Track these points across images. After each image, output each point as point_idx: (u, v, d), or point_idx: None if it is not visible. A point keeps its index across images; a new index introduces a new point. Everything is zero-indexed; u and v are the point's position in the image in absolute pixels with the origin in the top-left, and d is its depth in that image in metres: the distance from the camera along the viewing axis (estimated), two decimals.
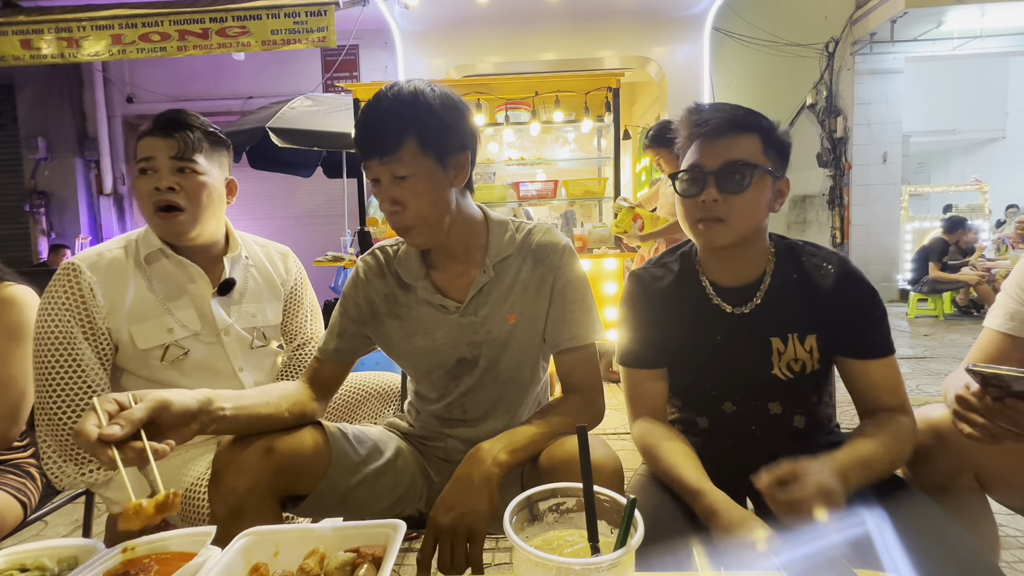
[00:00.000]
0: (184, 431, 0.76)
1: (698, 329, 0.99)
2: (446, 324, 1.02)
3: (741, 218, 0.90)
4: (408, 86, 0.91)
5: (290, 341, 1.31)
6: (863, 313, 0.94)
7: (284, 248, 1.36)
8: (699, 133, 0.93)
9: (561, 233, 1.07)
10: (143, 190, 1.09)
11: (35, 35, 4.94)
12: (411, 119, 0.88)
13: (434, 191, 0.92)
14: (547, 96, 3.65)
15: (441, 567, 0.80)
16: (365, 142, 0.90)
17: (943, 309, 5.85)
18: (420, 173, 0.90)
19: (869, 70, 6.11)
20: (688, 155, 0.95)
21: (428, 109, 0.90)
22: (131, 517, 0.60)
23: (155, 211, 1.10)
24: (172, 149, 1.10)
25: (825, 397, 1.01)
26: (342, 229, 5.21)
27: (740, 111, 0.92)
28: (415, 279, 1.03)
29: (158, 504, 0.62)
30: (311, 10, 4.80)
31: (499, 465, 0.85)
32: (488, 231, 1.04)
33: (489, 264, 1.01)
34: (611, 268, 3.60)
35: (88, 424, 0.66)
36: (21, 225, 6.73)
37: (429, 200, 0.91)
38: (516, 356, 1.03)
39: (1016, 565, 1.56)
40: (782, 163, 0.95)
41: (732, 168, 0.89)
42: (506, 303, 1.01)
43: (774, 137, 0.93)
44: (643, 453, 0.97)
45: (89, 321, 1.08)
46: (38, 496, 1.26)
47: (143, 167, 1.09)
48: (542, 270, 1.02)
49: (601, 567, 0.46)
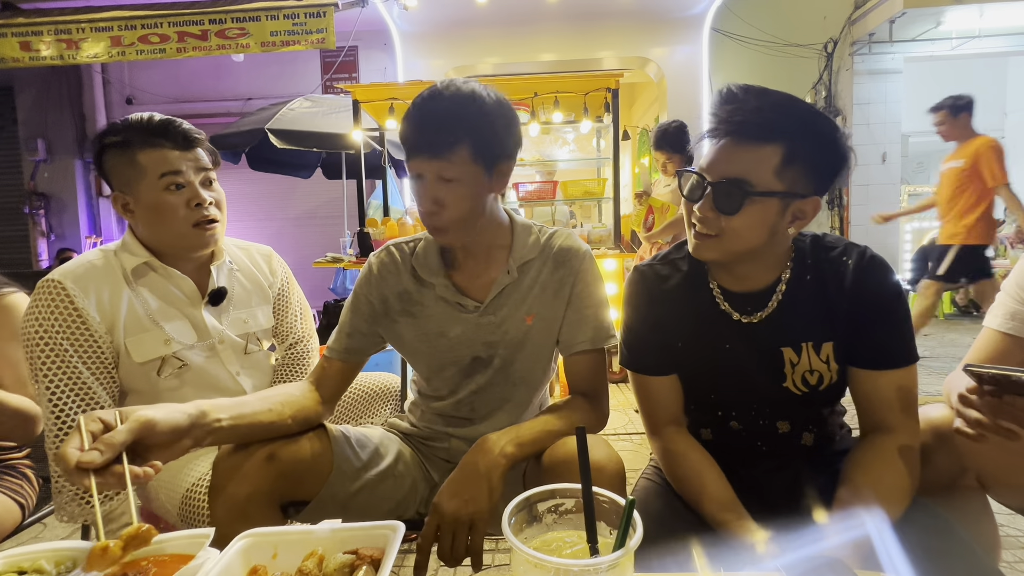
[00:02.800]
0: (174, 448, 0.74)
1: (704, 336, 0.92)
2: (463, 323, 1.02)
3: (733, 239, 0.82)
4: (466, 87, 0.90)
5: (282, 341, 1.30)
6: (880, 315, 0.84)
7: (266, 249, 1.34)
8: (714, 132, 0.83)
9: (581, 239, 1.08)
10: (174, 205, 1.07)
11: (34, 37, 4.93)
12: (468, 124, 0.88)
13: (475, 196, 0.92)
14: (546, 97, 3.65)
15: (441, 555, 0.80)
16: (416, 137, 0.89)
17: (943, 309, 5.85)
18: (466, 178, 0.90)
19: (868, 70, 6.10)
20: (704, 152, 0.86)
21: (485, 116, 0.89)
22: (97, 559, 0.57)
23: (193, 226, 1.09)
24: (198, 162, 1.10)
25: (837, 407, 0.96)
26: (341, 230, 5.21)
27: (770, 115, 0.79)
28: (434, 276, 1.02)
29: (128, 538, 0.58)
30: (310, 11, 4.80)
31: (505, 456, 0.84)
32: (513, 233, 1.04)
33: (513, 266, 1.01)
34: (611, 268, 3.60)
35: (69, 448, 0.63)
36: (20, 227, 6.71)
37: (469, 205, 0.92)
38: (530, 357, 1.04)
39: (1017, 565, 1.56)
40: (812, 179, 0.80)
41: (728, 187, 0.80)
42: (525, 304, 1.01)
43: (806, 149, 0.78)
44: (667, 474, 0.93)
45: (85, 340, 1.03)
46: (35, 498, 1.25)
47: (173, 182, 1.06)
48: (562, 273, 1.02)
49: (600, 568, 0.45)
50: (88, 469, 0.62)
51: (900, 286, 0.85)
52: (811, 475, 0.90)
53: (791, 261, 0.90)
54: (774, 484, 0.92)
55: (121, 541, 0.58)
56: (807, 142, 0.79)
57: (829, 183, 0.83)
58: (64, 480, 1.02)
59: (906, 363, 0.84)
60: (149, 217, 1.08)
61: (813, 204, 0.82)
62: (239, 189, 6.55)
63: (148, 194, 1.07)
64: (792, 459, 0.92)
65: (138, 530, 0.59)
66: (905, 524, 0.71)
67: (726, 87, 0.83)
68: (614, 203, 3.68)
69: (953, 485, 0.90)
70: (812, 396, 0.88)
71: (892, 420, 0.84)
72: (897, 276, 0.83)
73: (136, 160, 1.06)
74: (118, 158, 1.07)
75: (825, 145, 0.80)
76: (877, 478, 0.79)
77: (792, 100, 0.81)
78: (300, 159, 5.22)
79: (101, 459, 0.63)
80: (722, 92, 0.83)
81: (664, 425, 0.95)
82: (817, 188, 0.82)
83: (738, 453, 0.94)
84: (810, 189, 0.81)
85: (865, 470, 0.81)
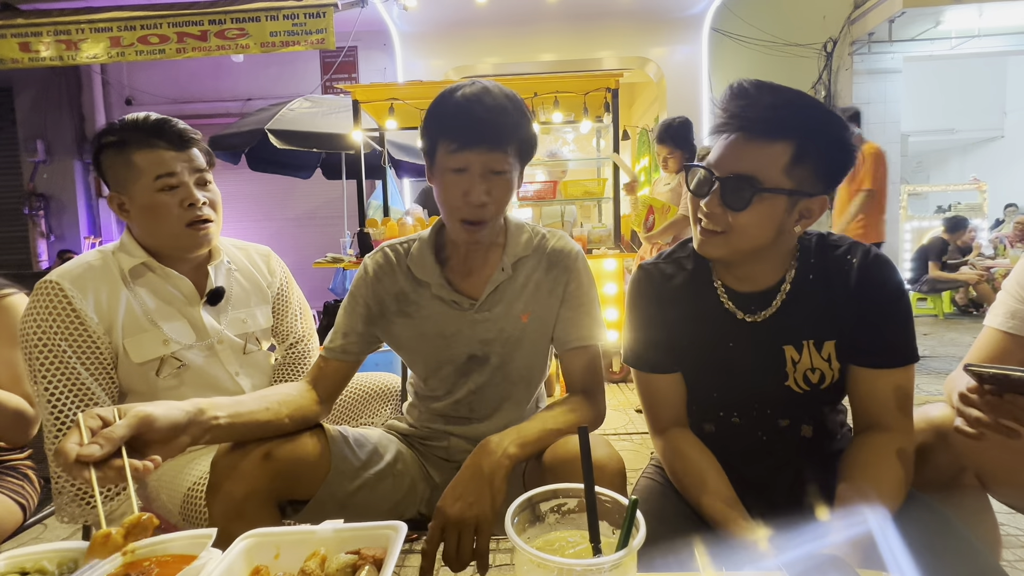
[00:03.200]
0: (173, 445, 0.75)
1: (708, 335, 0.92)
2: (458, 321, 1.03)
3: (740, 236, 0.82)
4: (506, 89, 0.94)
5: (282, 341, 1.30)
6: (883, 314, 0.83)
7: (264, 249, 1.34)
8: (724, 128, 0.82)
9: (573, 240, 1.10)
10: (168, 206, 1.07)
11: (33, 38, 4.93)
12: (518, 122, 0.93)
13: (512, 193, 0.97)
14: (546, 97, 3.65)
15: (446, 559, 0.79)
16: (471, 129, 0.89)
17: (943, 308, 5.86)
18: (511, 173, 0.94)
19: (867, 70, 6.11)
20: (713, 148, 0.85)
21: (525, 116, 0.95)
22: (99, 547, 0.58)
23: (186, 226, 1.09)
24: (192, 163, 1.10)
25: (839, 405, 0.96)
26: (341, 230, 5.21)
27: (783, 112, 0.78)
28: (430, 275, 1.03)
29: (130, 526, 0.59)
30: (310, 12, 4.80)
31: (509, 458, 0.85)
32: (507, 232, 1.06)
33: (507, 263, 1.03)
34: (610, 268, 3.60)
35: (68, 443, 0.64)
36: (20, 228, 6.72)
37: (509, 200, 0.98)
38: (528, 355, 1.05)
39: (1017, 564, 1.56)
40: (820, 178, 0.80)
41: (737, 183, 0.79)
42: (519, 302, 1.03)
43: (816, 147, 0.78)
44: (669, 473, 0.94)
45: (83, 341, 1.03)
46: (36, 498, 1.25)
47: (167, 184, 1.07)
48: (556, 272, 1.05)
49: (603, 568, 0.45)
50: (88, 462, 0.63)
51: (904, 285, 0.85)
52: (812, 473, 0.90)
53: (795, 260, 0.89)
54: (775, 482, 0.92)
55: (123, 529, 0.59)
56: (818, 141, 0.78)
57: (837, 182, 0.82)
58: (64, 480, 1.02)
59: (907, 362, 0.84)
60: (143, 217, 1.09)
61: (820, 203, 0.82)
62: (239, 189, 6.55)
63: (142, 194, 1.07)
64: (793, 456, 0.92)
65: (139, 518, 0.60)
66: (906, 521, 0.71)
67: (737, 82, 0.82)
68: (614, 203, 3.68)
69: (954, 483, 0.90)
70: (814, 394, 0.88)
71: (889, 419, 0.84)
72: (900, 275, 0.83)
73: (132, 160, 1.06)
74: (114, 158, 1.07)
75: (835, 144, 0.79)
76: (875, 476, 0.79)
77: (804, 98, 0.80)
78: (300, 159, 5.22)
79: (101, 452, 0.64)
80: (733, 87, 0.82)
81: (668, 424, 0.95)
82: (825, 187, 0.81)
83: (739, 449, 0.94)
84: (818, 188, 0.81)
85: (863, 468, 0.81)
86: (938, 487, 0.89)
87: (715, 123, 0.84)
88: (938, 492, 0.88)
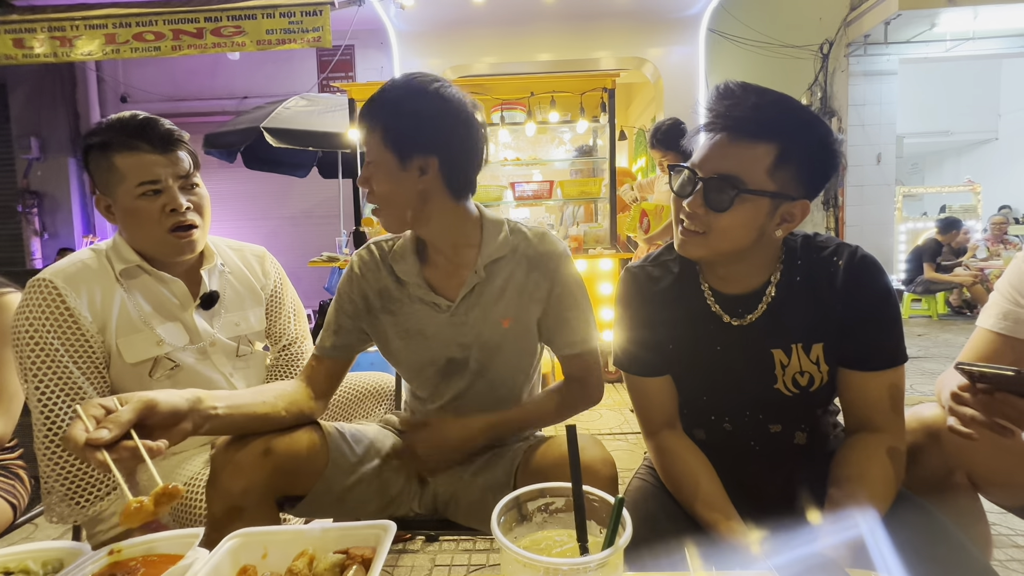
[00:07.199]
0: (176, 431, 0.76)
1: (695, 338, 0.91)
2: (437, 322, 1.02)
3: (720, 237, 0.81)
4: (416, 80, 0.93)
5: (275, 343, 1.29)
6: (870, 316, 0.83)
7: (259, 249, 1.33)
8: (709, 127, 0.82)
9: (557, 237, 1.06)
10: (149, 211, 1.05)
11: (28, 34, 4.91)
12: (381, 113, 0.92)
13: (392, 182, 0.94)
14: (543, 97, 3.65)
15: None
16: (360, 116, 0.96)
17: (937, 309, 5.89)
18: (380, 162, 0.93)
19: (863, 72, 6.13)
20: (697, 147, 0.85)
21: (396, 103, 0.92)
22: (132, 515, 0.60)
23: (169, 232, 1.07)
24: (177, 167, 1.07)
25: (830, 407, 0.95)
26: (337, 229, 5.20)
27: (768, 113, 0.78)
28: (409, 275, 1.03)
29: (158, 496, 0.62)
30: (306, 10, 4.78)
31: (481, 432, 1.00)
32: (482, 232, 1.03)
33: (480, 265, 1.00)
34: (607, 268, 3.60)
35: (76, 430, 0.65)
36: (13, 225, 6.68)
37: (387, 189, 0.94)
38: (510, 361, 1.03)
39: (1008, 564, 1.57)
40: (803, 182, 0.80)
41: (720, 183, 0.79)
42: (498, 306, 1.00)
43: (800, 150, 0.78)
44: (662, 475, 0.93)
45: (76, 340, 1.02)
46: (27, 498, 1.25)
47: (150, 189, 1.04)
48: (537, 276, 1.01)
49: (589, 567, 0.45)
50: (99, 446, 0.64)
51: (891, 286, 0.85)
52: (805, 475, 0.90)
53: (781, 262, 0.89)
54: (768, 484, 0.92)
55: (152, 497, 0.61)
56: (802, 143, 0.78)
57: (819, 187, 0.82)
58: (53, 480, 1.01)
59: (896, 363, 0.84)
60: (127, 221, 1.07)
61: (802, 207, 0.82)
62: (234, 188, 6.53)
63: (125, 199, 1.05)
64: (785, 459, 0.92)
65: (166, 487, 0.62)
66: (897, 522, 0.72)
67: (724, 83, 0.82)
68: (610, 203, 3.68)
69: (945, 483, 0.91)
70: (803, 397, 0.87)
71: (880, 420, 0.84)
72: (889, 276, 0.82)
73: (114, 164, 1.04)
74: (99, 160, 1.05)
75: (819, 148, 0.80)
76: (866, 477, 0.79)
77: (789, 101, 0.80)
78: (296, 158, 5.20)
79: (110, 436, 0.65)
80: (719, 88, 0.82)
81: (659, 426, 0.94)
82: (807, 191, 0.82)
83: (731, 454, 0.93)
84: (800, 192, 0.81)
85: (854, 469, 0.81)
86: (929, 487, 0.89)
87: (701, 123, 0.84)
88: (929, 492, 0.88)
